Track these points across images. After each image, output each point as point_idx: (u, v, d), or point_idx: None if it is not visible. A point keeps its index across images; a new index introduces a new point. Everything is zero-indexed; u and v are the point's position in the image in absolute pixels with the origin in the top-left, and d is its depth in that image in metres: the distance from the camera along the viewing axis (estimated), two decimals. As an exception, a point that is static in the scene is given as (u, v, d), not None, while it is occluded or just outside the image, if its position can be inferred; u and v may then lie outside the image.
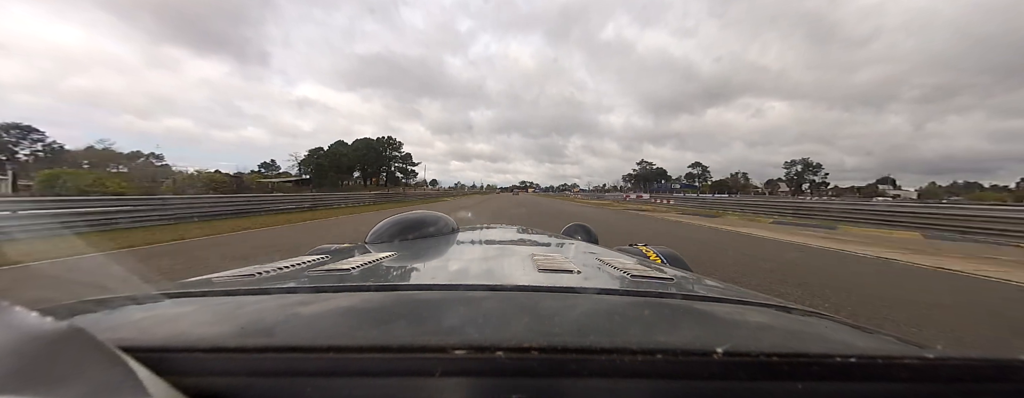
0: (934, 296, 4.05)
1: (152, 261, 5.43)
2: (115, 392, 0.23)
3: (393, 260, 0.81)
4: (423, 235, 1.21)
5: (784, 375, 0.28)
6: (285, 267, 0.71)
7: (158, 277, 4.36)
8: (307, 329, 0.40)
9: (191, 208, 12.17)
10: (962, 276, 5.14)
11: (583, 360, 0.29)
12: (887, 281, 4.77)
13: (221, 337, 0.36)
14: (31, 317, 0.27)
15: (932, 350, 0.32)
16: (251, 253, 6.27)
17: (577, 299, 0.51)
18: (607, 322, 0.44)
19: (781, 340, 0.45)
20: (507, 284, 0.56)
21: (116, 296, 0.50)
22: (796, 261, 6.02)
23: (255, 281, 0.60)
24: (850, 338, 0.48)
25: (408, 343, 0.30)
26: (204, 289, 0.56)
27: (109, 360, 0.25)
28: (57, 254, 5.60)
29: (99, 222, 9.08)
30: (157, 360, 0.28)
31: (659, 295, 0.60)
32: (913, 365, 0.30)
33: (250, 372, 0.29)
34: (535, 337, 0.31)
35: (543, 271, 0.67)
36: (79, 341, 0.25)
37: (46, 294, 3.68)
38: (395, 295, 0.51)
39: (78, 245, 6.74)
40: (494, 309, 0.45)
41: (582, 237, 1.81)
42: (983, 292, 4.37)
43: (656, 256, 1.43)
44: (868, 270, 5.46)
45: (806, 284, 4.42)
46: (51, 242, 6.74)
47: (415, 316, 0.43)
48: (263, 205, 16.08)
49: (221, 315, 0.46)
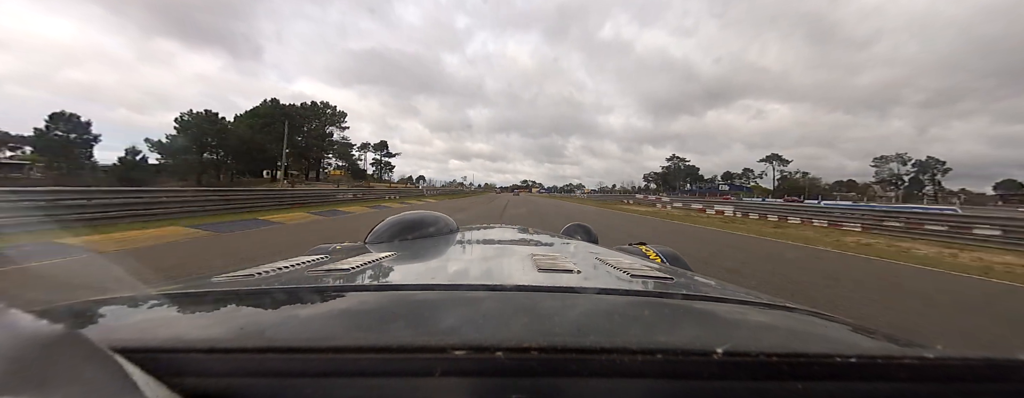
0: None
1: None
2: (108, 393, 0.23)
3: (393, 260, 0.81)
4: (423, 235, 1.21)
5: (784, 375, 0.28)
6: (285, 267, 0.71)
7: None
8: (307, 329, 0.40)
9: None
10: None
11: (583, 360, 0.29)
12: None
13: (220, 337, 0.36)
14: (25, 319, 0.26)
15: (932, 350, 0.32)
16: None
17: (577, 299, 0.51)
18: (607, 322, 0.44)
19: (781, 340, 0.45)
20: (507, 284, 0.56)
21: (115, 297, 0.50)
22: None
23: (254, 281, 0.60)
24: (850, 338, 0.48)
25: (408, 343, 0.30)
26: (203, 289, 0.56)
27: (103, 363, 0.25)
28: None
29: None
30: (156, 361, 0.28)
31: (659, 295, 0.60)
32: (913, 365, 0.30)
33: (249, 373, 0.29)
34: (535, 337, 0.30)
35: (543, 271, 0.67)
36: (73, 344, 0.25)
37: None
38: (395, 295, 0.51)
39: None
40: (494, 309, 0.45)
41: (582, 237, 1.81)
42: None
43: (656, 256, 1.43)
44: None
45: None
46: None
47: (415, 316, 0.43)
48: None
49: (220, 315, 0.46)
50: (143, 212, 9.62)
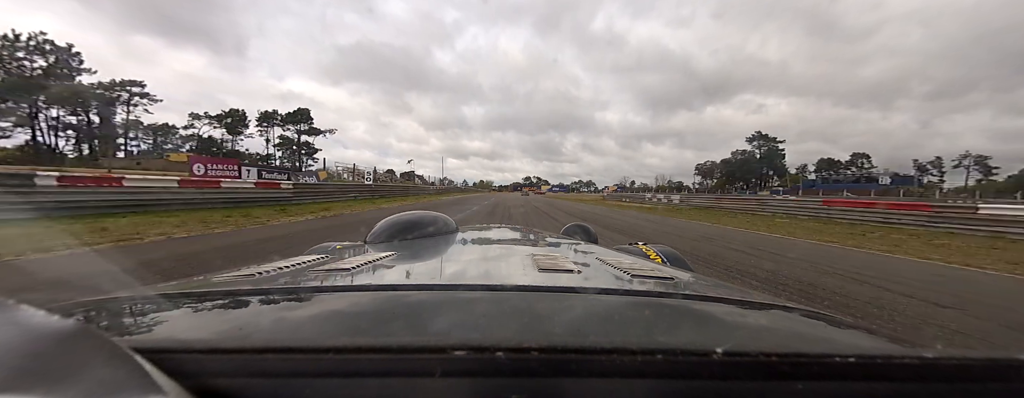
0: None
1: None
2: (123, 389, 0.23)
3: (393, 260, 0.81)
4: (423, 235, 1.21)
5: (784, 375, 0.28)
6: (285, 267, 0.71)
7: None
8: (306, 329, 0.40)
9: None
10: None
11: (583, 360, 0.29)
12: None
13: (220, 338, 0.36)
14: (36, 315, 0.27)
15: (932, 350, 0.32)
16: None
17: (577, 299, 0.51)
18: (607, 322, 0.44)
19: (781, 340, 0.45)
20: (507, 284, 0.56)
21: (114, 297, 0.50)
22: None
23: (254, 281, 0.60)
24: (850, 338, 0.48)
25: (408, 343, 0.30)
26: (203, 289, 0.56)
27: (117, 357, 0.25)
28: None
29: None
30: (156, 361, 0.28)
31: (659, 295, 0.60)
32: (913, 365, 0.30)
33: (250, 373, 0.29)
34: (535, 337, 0.30)
35: (543, 271, 0.67)
36: (85, 338, 0.25)
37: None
38: (395, 295, 0.51)
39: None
40: (494, 309, 0.45)
41: (582, 237, 1.81)
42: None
43: (657, 255, 1.43)
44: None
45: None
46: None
47: (415, 316, 0.43)
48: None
49: (220, 315, 0.46)
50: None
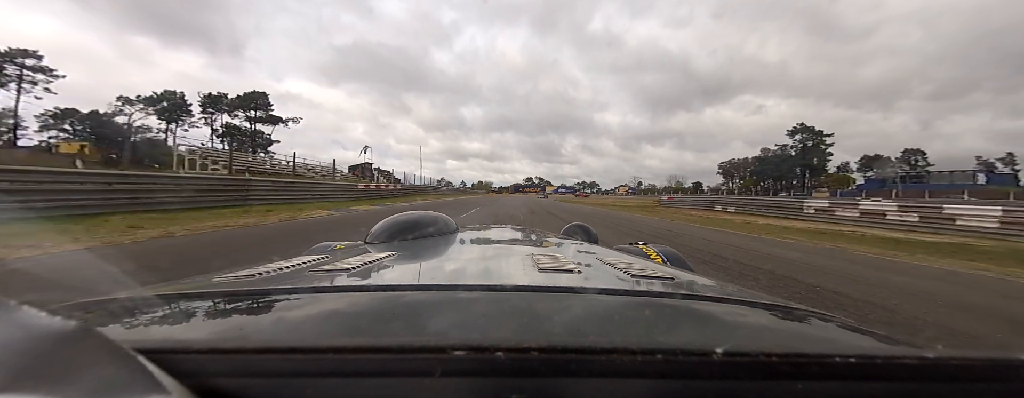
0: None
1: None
2: (127, 388, 0.23)
3: (393, 260, 0.81)
4: (423, 235, 1.21)
5: (784, 375, 0.28)
6: (285, 267, 0.71)
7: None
8: (306, 329, 0.40)
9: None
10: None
11: (583, 360, 0.29)
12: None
13: (220, 338, 0.36)
14: (38, 316, 0.27)
15: (932, 350, 0.32)
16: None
17: (577, 299, 0.51)
18: (607, 322, 0.44)
19: (781, 340, 0.45)
20: (507, 284, 0.56)
21: (114, 297, 0.50)
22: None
23: (255, 281, 0.60)
24: (850, 338, 0.48)
25: (408, 343, 0.30)
26: (203, 290, 0.56)
27: (119, 356, 0.25)
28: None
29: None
30: (156, 361, 0.28)
31: (659, 295, 0.60)
32: (913, 365, 0.30)
33: (250, 373, 0.29)
34: (535, 337, 0.30)
35: (543, 271, 0.67)
36: (86, 338, 0.25)
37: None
38: (395, 295, 0.51)
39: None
40: (494, 309, 0.45)
41: (582, 237, 1.81)
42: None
43: (657, 255, 1.43)
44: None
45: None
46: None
47: (415, 316, 0.43)
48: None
49: (220, 315, 0.46)
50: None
